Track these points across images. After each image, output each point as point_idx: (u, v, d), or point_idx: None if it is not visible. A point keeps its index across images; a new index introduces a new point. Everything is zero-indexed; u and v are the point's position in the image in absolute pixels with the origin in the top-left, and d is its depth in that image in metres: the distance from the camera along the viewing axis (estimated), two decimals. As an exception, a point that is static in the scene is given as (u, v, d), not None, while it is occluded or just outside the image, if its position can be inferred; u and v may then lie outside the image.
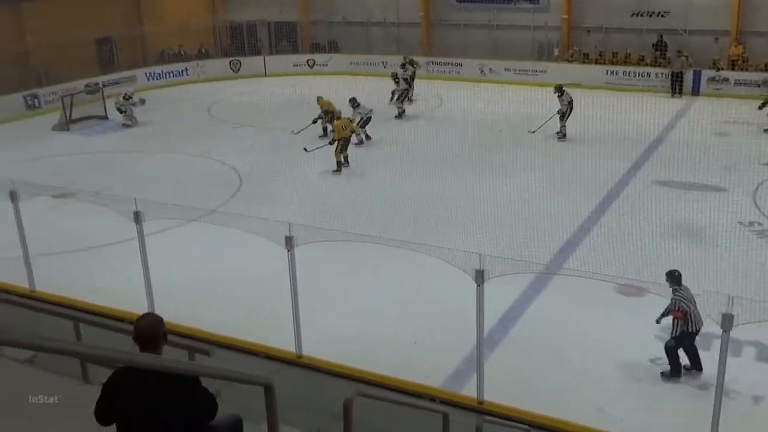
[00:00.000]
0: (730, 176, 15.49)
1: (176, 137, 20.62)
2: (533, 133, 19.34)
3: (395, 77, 23.21)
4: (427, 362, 9.16)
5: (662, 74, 25.02)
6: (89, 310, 10.00)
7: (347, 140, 17.34)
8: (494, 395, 8.24)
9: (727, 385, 7.38)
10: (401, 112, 22.09)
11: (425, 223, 13.08)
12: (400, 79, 23.22)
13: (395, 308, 10.59)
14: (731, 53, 24.75)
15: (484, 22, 28.67)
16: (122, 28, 29.09)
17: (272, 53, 31.46)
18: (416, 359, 9.26)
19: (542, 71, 26.92)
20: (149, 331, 3.93)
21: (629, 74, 25.82)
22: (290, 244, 8.86)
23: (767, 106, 20.38)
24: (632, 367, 9.05)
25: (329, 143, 17.28)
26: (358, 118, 18.79)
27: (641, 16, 26.55)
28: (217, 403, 4.01)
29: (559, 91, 19.39)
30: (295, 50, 31.94)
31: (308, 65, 30.32)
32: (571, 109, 19.29)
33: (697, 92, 24.45)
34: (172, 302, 9.78)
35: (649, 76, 25.43)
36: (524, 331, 9.92)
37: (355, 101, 19.03)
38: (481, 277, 7.81)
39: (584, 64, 26.64)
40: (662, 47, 25.83)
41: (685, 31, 25.67)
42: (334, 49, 31.46)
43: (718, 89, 24.15)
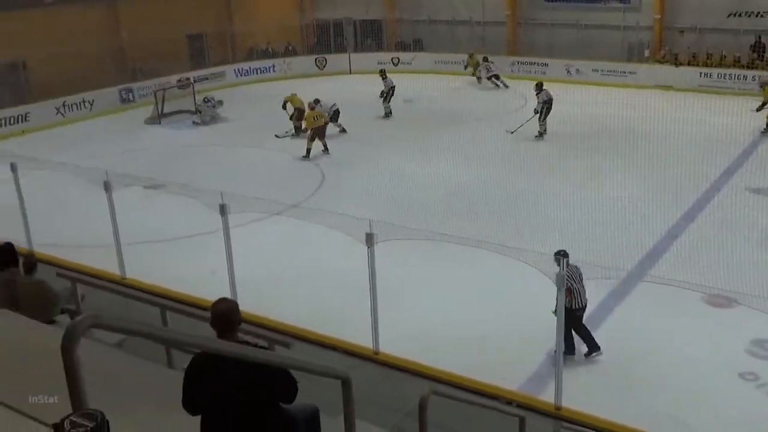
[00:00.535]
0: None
1: (262, 132, 21.03)
2: (512, 133, 19.36)
3: (383, 74, 22.99)
4: (503, 364, 9.07)
5: (759, 77, 23.99)
6: (175, 298, 10.31)
7: (320, 129, 18.56)
8: (572, 402, 8.09)
9: None
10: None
11: (506, 223, 12.96)
12: (388, 77, 22.90)
13: (472, 308, 10.51)
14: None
15: (572, 21, 28.11)
16: (213, 25, 29.91)
17: (357, 51, 31.72)
18: (493, 361, 9.18)
19: (632, 73, 26.25)
20: (226, 315, 4.02)
21: (724, 76, 24.86)
22: (370, 240, 8.91)
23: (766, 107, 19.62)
24: (718, 380, 8.73)
25: (293, 134, 19.83)
26: (325, 114, 19.54)
27: (738, 16, 25.53)
28: (296, 385, 4.05)
29: (537, 89, 19.51)
30: (379, 48, 32.13)
31: (393, 63, 30.44)
32: (548, 108, 19.24)
33: (796, 96, 23.35)
34: (253, 294, 9.98)
35: (745, 78, 24.40)
36: (605, 338, 9.68)
37: (317, 101, 19.65)
38: (561, 281, 7.69)
39: (676, 66, 25.81)
40: (760, 49, 24.77)
41: (786, 32, 24.60)
42: (418, 47, 31.49)
43: (819, 93, 22.99)
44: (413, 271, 11.45)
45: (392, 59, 30.64)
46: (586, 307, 9.01)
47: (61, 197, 15.24)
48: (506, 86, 26.30)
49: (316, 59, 31.08)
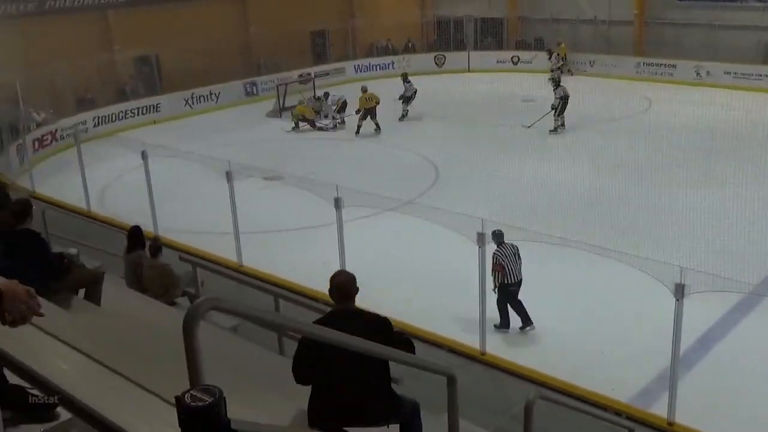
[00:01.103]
0: None
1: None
2: (528, 127, 19.91)
3: (405, 78, 22.75)
4: (614, 375, 8.80)
5: None
6: (288, 287, 10.60)
7: (371, 109, 20.79)
8: (686, 418, 7.76)
9: None
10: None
11: (623, 229, 12.55)
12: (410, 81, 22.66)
13: (584, 315, 10.24)
14: None
15: (704, 21, 26.79)
16: (336, 21, 30.47)
17: (476, 49, 31.52)
18: (602, 370, 8.92)
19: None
20: (344, 286, 4.35)
21: None
22: (482, 240, 8.87)
23: None
24: None
25: (355, 112, 21.10)
26: (332, 107, 22.33)
27: None
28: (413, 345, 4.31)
29: (554, 84, 20.24)
30: (499, 47, 31.79)
31: (512, 62, 30.06)
32: (564, 103, 19.76)
33: None
34: (363, 288, 10.08)
35: None
36: (725, 353, 9.23)
37: (326, 95, 22.85)
38: (681, 291, 7.38)
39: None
40: None
41: None
42: (539, 46, 30.94)
43: None
44: (526, 273, 11.26)
45: (512, 58, 30.26)
46: (520, 282, 9.69)
47: (186, 185, 15.98)
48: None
49: (435, 56, 31.10)
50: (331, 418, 4.11)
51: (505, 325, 9.81)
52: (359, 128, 20.89)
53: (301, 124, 22.08)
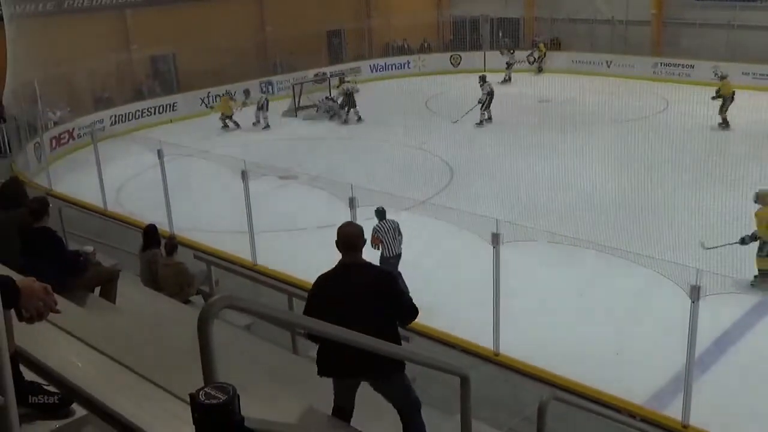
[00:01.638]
0: None
1: (393, 128, 21.23)
2: (455, 123, 21.01)
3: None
4: (628, 377, 8.75)
5: None
6: (302, 286, 10.60)
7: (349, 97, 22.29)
8: (701, 421, 7.71)
9: None
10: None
11: (637, 230, 12.46)
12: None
13: (598, 316, 10.18)
14: None
15: (722, 21, 26.57)
16: (352, 21, 30.50)
17: (492, 49, 31.43)
18: (617, 372, 8.87)
19: (787, 76, 24.57)
20: (350, 238, 4.46)
21: None
22: (496, 240, 8.84)
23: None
24: None
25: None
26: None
27: None
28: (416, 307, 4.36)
29: (481, 80, 21.55)
30: (516, 46, 31.65)
31: (528, 62, 29.95)
32: (490, 98, 21.28)
33: None
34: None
35: None
36: (742, 356, 9.15)
37: (246, 92, 23.66)
38: (696, 293, 7.33)
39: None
40: None
41: None
42: (556, 46, 30.82)
43: None
44: (539, 273, 11.24)
45: (527, 57, 30.15)
46: (399, 256, 10.43)
47: (201, 183, 16.05)
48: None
49: (451, 56, 31.05)
50: (338, 367, 4.19)
51: None
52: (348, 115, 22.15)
53: (229, 123, 22.60)
